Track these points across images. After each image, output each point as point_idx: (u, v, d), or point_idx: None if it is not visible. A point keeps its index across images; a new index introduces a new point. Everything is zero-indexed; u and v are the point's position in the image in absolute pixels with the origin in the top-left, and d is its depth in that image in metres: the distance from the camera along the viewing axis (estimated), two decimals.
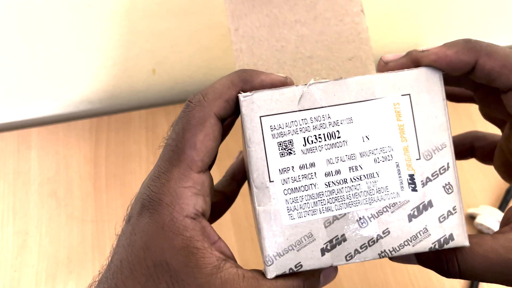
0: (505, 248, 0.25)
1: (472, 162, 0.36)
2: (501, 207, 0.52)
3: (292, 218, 0.26)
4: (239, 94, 0.26)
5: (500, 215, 0.50)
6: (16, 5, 0.48)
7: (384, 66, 0.28)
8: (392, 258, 0.28)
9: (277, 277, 0.26)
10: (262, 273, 0.26)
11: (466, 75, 0.27)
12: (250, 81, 0.27)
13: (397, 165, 0.27)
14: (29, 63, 0.53)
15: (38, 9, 0.48)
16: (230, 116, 0.27)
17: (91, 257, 0.50)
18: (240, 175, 0.35)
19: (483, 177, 0.54)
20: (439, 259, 0.27)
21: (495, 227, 0.49)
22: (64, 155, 0.56)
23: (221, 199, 0.34)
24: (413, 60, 0.27)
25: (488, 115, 0.33)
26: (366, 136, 0.26)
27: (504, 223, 0.28)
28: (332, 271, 0.28)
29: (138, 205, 0.26)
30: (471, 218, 0.51)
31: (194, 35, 0.55)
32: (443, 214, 0.26)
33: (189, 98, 0.27)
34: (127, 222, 0.27)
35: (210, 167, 0.27)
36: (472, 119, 0.57)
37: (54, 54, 0.53)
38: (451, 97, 0.34)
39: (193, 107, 0.26)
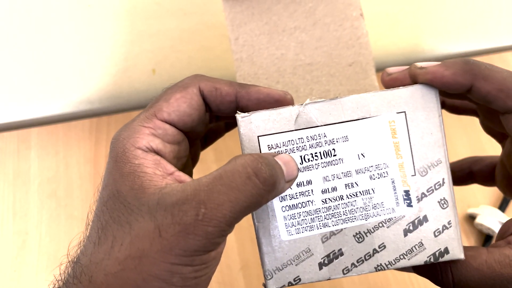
0: (499, 263, 0.26)
1: None
2: (501, 207, 0.52)
3: (290, 234, 0.27)
4: (237, 114, 0.27)
5: (500, 215, 0.50)
6: (16, 5, 0.48)
7: (387, 77, 0.29)
8: None
9: None
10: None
11: (465, 94, 0.27)
12: (247, 87, 0.27)
13: (393, 182, 0.27)
14: (29, 63, 0.53)
15: (38, 9, 0.48)
16: (218, 108, 0.28)
17: None
18: None
19: None
20: (434, 269, 0.28)
21: (495, 227, 0.49)
22: (64, 155, 0.56)
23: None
24: (411, 76, 0.27)
25: (489, 129, 0.33)
26: (362, 154, 0.27)
27: (500, 237, 0.28)
28: None
29: None
30: (471, 218, 0.51)
31: (194, 35, 0.55)
32: (438, 229, 0.27)
33: None
34: None
35: (191, 137, 0.28)
36: (476, 130, 0.56)
37: (54, 54, 0.53)
38: (453, 109, 0.34)
39: (187, 77, 0.28)
